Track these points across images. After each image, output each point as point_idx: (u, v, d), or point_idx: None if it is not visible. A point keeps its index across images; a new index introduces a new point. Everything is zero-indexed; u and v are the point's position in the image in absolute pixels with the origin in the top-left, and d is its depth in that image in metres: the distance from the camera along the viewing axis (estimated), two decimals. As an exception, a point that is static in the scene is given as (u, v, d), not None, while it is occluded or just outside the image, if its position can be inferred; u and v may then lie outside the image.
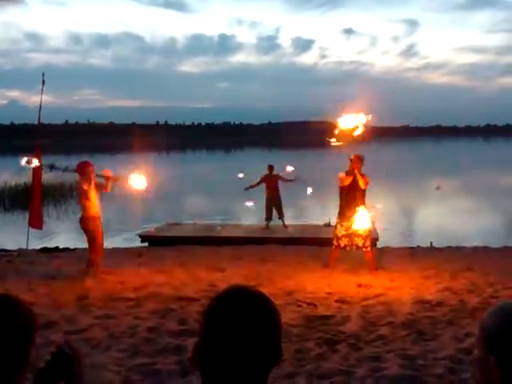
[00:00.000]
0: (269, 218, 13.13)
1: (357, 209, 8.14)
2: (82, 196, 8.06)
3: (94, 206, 8.02)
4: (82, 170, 8.11)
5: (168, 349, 5.09)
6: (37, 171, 10.24)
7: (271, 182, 13.06)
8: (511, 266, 8.74)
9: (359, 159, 8.27)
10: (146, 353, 5.01)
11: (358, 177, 8.15)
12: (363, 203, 8.26)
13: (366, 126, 8.22)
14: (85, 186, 7.95)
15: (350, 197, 8.19)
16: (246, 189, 13.22)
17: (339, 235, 8.30)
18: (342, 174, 8.26)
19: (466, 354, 4.68)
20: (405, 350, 5.02)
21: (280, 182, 13.18)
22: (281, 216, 13.14)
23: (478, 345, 1.28)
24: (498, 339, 1.23)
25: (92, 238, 8.01)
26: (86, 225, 8.02)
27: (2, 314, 1.35)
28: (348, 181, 8.16)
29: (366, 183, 8.25)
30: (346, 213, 8.23)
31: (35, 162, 9.31)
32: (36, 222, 10.13)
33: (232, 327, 1.13)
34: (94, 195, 8.01)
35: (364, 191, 8.27)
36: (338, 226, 8.36)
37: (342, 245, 8.30)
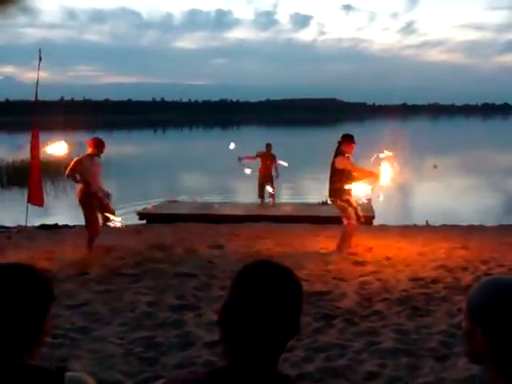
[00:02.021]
0: (262, 195, 13.21)
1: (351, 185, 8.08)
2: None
3: None
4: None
5: (167, 323, 5.20)
6: (35, 147, 10.24)
7: (267, 159, 13.07)
8: (506, 243, 8.87)
9: (351, 140, 8.08)
10: (146, 326, 5.12)
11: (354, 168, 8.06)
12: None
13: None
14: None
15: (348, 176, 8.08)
16: (241, 159, 12.76)
17: (357, 208, 8.09)
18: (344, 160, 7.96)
19: (459, 328, 4.79)
20: (399, 325, 5.14)
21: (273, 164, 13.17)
22: (272, 194, 13.22)
23: (465, 317, 1.34)
24: (483, 310, 1.28)
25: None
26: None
27: (14, 281, 1.39)
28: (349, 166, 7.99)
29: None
30: (346, 189, 8.09)
31: None
32: (36, 199, 10.15)
33: (260, 293, 1.18)
34: None
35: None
36: (351, 200, 8.05)
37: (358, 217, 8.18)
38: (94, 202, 7.84)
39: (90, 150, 7.97)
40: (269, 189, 12.91)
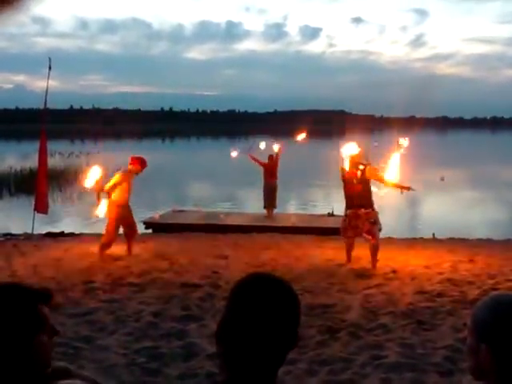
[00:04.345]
0: (267, 205, 13.15)
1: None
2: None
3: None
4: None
5: (171, 333, 5.19)
6: (42, 156, 10.31)
7: (271, 168, 13.00)
8: (513, 258, 8.78)
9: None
10: (150, 337, 5.10)
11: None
12: None
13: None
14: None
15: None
16: (250, 155, 13.29)
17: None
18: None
19: (464, 343, 4.73)
20: (404, 338, 5.10)
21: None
22: (274, 206, 13.16)
23: (469, 333, 1.32)
24: (488, 327, 1.27)
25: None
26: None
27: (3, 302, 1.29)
28: None
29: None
30: None
31: None
32: (41, 207, 10.20)
33: (256, 307, 1.18)
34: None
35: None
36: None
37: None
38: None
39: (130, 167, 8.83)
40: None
